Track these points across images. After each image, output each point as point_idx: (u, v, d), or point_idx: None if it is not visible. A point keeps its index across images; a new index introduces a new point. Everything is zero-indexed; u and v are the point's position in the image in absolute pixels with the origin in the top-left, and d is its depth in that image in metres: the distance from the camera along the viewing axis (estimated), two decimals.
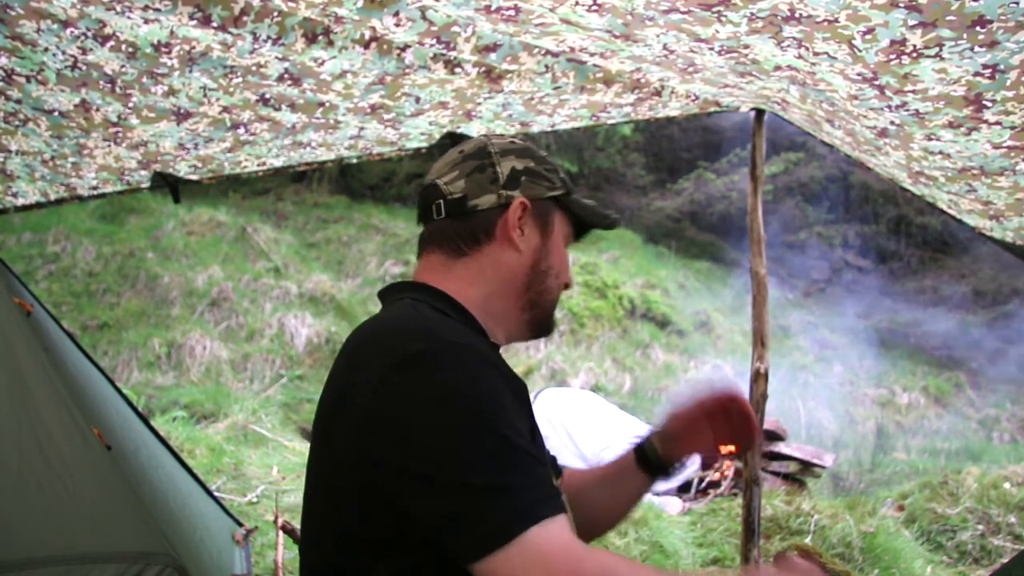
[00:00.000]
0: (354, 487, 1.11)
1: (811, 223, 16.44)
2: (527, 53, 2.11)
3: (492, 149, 1.33)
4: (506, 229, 1.28)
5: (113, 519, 2.20)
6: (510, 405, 1.10)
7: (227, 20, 1.81)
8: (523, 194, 1.30)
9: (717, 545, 4.59)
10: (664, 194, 17.44)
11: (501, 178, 1.30)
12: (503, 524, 1.00)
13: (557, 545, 1.00)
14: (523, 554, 0.98)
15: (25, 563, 2.02)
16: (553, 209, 1.34)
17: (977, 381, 13.08)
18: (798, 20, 1.53)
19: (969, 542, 4.95)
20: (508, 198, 1.29)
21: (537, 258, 1.31)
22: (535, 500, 1.02)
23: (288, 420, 7.48)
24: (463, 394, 1.06)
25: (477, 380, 1.08)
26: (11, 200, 2.75)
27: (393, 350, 1.10)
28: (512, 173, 1.31)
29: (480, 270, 1.28)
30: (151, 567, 2.11)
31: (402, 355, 1.09)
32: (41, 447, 2.19)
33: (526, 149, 1.35)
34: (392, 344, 1.12)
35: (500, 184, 1.29)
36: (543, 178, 1.33)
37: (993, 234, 2.39)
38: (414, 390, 1.06)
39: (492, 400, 1.07)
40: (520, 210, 1.29)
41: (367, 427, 1.08)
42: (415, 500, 1.05)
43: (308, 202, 14.15)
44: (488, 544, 0.99)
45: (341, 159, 2.87)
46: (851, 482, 6.71)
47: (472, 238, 1.29)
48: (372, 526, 1.10)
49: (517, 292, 1.31)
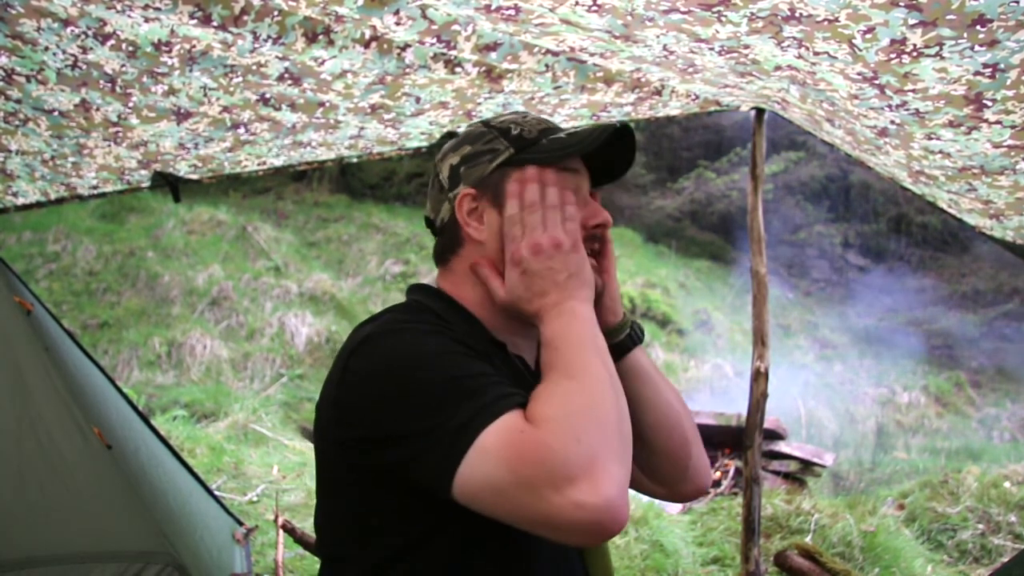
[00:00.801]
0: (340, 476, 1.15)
1: (811, 222, 16.46)
2: (527, 52, 2.11)
3: (436, 159, 1.32)
4: (465, 226, 1.24)
5: (113, 518, 2.21)
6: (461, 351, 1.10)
7: (227, 19, 1.81)
8: (465, 185, 1.25)
9: (717, 544, 4.60)
10: (664, 193, 17.45)
11: (445, 183, 1.27)
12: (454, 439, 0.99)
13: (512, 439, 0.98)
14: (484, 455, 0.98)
15: (25, 562, 2.02)
16: (508, 172, 1.24)
17: (977, 380, 13.09)
18: (798, 20, 1.53)
19: (969, 541, 4.96)
20: (453, 198, 1.25)
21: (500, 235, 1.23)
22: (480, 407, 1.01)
23: (288, 419, 7.49)
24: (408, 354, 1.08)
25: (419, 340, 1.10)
26: (11, 199, 2.76)
27: (351, 341, 1.15)
28: (451, 172, 1.27)
29: (464, 274, 1.26)
30: (151, 566, 2.11)
31: (356, 342, 1.13)
32: (41, 446, 2.19)
33: (466, 137, 1.30)
34: (351, 337, 1.16)
35: (446, 190, 1.27)
36: (483, 154, 1.25)
37: (993, 233, 2.39)
38: (363, 368, 1.10)
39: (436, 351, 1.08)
40: (465, 203, 1.24)
41: (335, 416, 1.12)
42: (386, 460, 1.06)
43: (308, 201, 14.16)
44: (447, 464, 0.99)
45: (341, 158, 2.87)
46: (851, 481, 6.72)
47: (451, 250, 1.28)
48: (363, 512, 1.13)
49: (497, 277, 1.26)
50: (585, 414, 1.01)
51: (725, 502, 5.17)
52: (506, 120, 1.29)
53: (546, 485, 0.95)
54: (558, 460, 0.95)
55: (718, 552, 4.52)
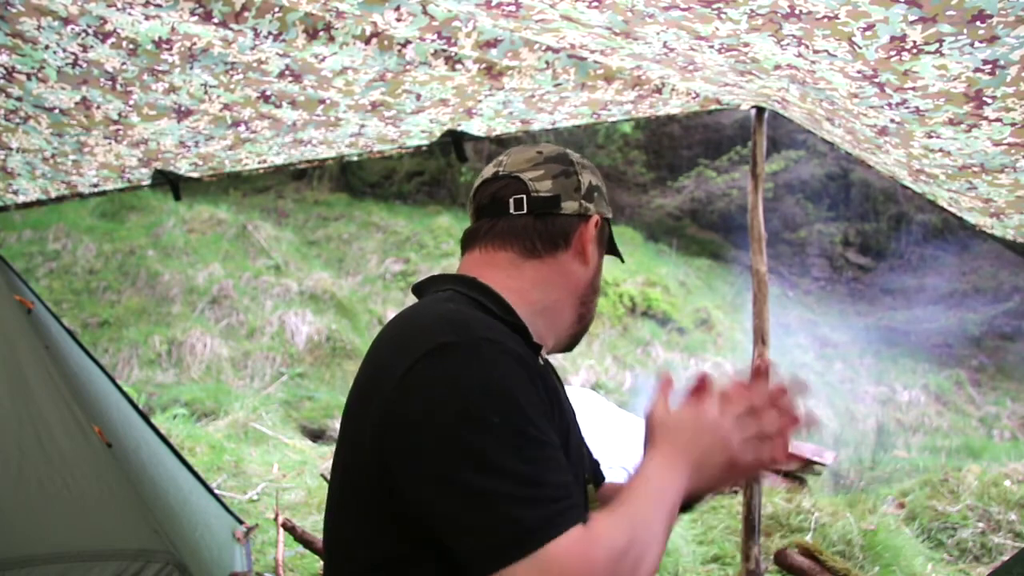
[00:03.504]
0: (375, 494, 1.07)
1: (812, 220, 16.45)
2: (528, 49, 2.11)
3: (572, 158, 1.35)
4: (583, 241, 1.29)
5: (113, 517, 2.20)
6: (538, 405, 1.06)
7: (228, 16, 1.81)
8: (596, 210, 1.32)
9: (717, 543, 4.60)
10: (665, 192, 17.44)
11: (583, 188, 1.31)
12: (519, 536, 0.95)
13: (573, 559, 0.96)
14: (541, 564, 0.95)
15: (26, 560, 2.02)
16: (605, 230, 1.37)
17: (977, 378, 13.09)
18: (798, 17, 1.52)
19: (969, 540, 4.96)
20: (587, 210, 1.30)
21: (595, 275, 1.34)
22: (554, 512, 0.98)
23: (288, 418, 7.50)
24: (488, 390, 1.02)
25: (504, 376, 1.04)
26: (12, 197, 2.76)
27: (420, 341, 1.06)
28: (590, 186, 1.32)
29: (549, 275, 1.28)
30: (151, 564, 2.11)
31: (428, 346, 1.04)
32: (42, 445, 2.19)
33: (595, 168, 1.38)
34: (420, 335, 1.08)
35: (582, 194, 1.30)
36: (604, 199, 1.36)
37: (994, 231, 2.39)
38: (435, 383, 1.02)
39: (517, 398, 1.03)
40: (597, 228, 1.32)
41: (385, 421, 1.05)
42: (429, 501, 1.01)
43: (309, 200, 14.16)
44: (501, 556, 0.95)
45: (342, 156, 2.87)
46: (852, 480, 6.71)
47: (551, 241, 1.28)
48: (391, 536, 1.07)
49: (575, 304, 1.32)
50: (638, 567, 1.01)
51: (725, 500, 5.17)
52: None
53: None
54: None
55: (718, 550, 4.52)
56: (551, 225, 1.28)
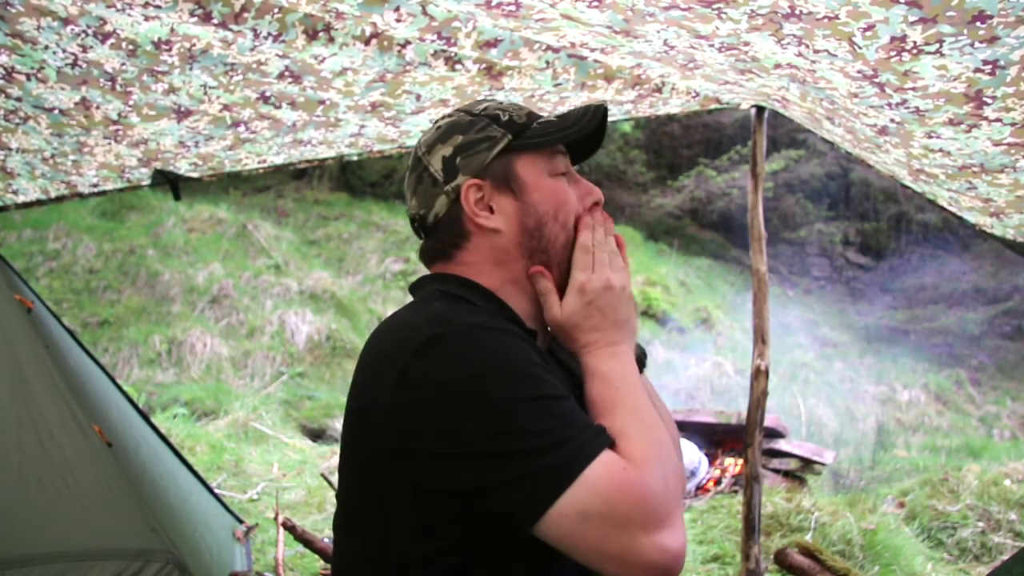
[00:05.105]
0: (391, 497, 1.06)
1: (812, 220, 16.46)
2: (528, 49, 2.11)
3: (420, 152, 1.27)
4: (472, 217, 1.21)
5: (113, 516, 2.20)
6: (541, 365, 1.07)
7: (228, 17, 1.81)
8: (466, 175, 1.21)
9: (718, 542, 4.59)
10: (665, 191, 17.45)
11: (438, 176, 1.23)
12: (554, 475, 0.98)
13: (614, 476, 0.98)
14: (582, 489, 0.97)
15: (25, 560, 2.02)
16: (512, 159, 1.22)
17: (978, 378, 13.09)
18: (798, 17, 1.52)
19: (970, 539, 4.96)
20: (456, 189, 1.21)
21: (522, 220, 1.22)
22: (582, 443, 1.00)
23: (289, 417, 7.50)
24: (491, 363, 1.03)
25: (503, 348, 1.05)
26: (12, 197, 2.76)
27: (408, 341, 1.06)
28: (445, 164, 1.22)
29: (477, 264, 1.23)
30: (151, 564, 2.11)
31: (418, 343, 1.04)
32: (42, 444, 2.19)
33: (452, 126, 1.25)
34: (406, 336, 1.08)
35: (441, 182, 1.23)
36: (479, 142, 1.22)
37: (994, 231, 2.39)
38: (435, 374, 1.02)
39: (519, 363, 1.04)
40: (472, 193, 1.21)
41: (391, 424, 1.04)
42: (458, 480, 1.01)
43: (308, 199, 14.16)
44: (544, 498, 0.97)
45: (341, 156, 2.87)
46: (852, 479, 6.71)
47: (454, 244, 1.23)
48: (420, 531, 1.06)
49: (522, 264, 1.23)
50: (667, 460, 1.04)
51: (725, 500, 5.17)
52: (488, 107, 1.27)
53: (638, 525, 0.97)
54: (656, 502, 0.98)
55: (718, 550, 4.51)
56: (442, 234, 1.24)
